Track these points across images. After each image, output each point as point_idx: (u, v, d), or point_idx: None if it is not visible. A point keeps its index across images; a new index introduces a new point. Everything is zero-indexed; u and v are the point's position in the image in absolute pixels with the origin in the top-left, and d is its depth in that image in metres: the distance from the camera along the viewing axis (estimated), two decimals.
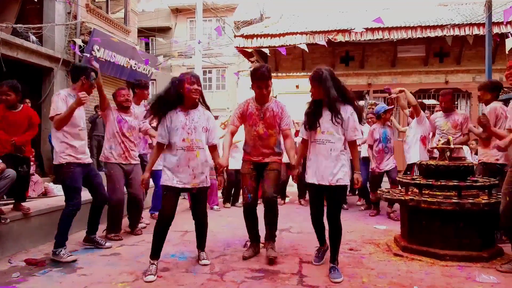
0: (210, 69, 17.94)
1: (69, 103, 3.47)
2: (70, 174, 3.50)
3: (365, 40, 10.12)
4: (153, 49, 17.57)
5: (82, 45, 7.99)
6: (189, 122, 3.18)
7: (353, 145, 3.12)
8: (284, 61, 11.70)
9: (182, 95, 3.17)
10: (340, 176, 3.01)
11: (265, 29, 11.11)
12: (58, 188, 5.56)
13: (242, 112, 3.55)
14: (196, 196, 3.33)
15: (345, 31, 9.94)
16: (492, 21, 7.92)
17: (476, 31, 9.64)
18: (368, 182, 5.87)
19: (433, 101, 10.43)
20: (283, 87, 11.23)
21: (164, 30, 18.03)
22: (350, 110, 3.01)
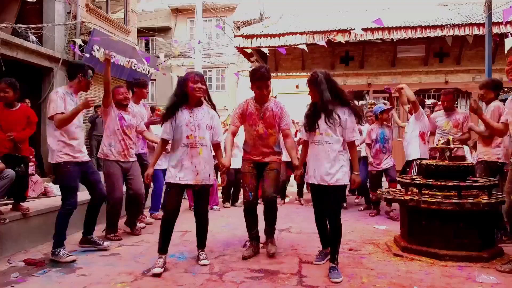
0: (210, 69, 17.93)
1: (67, 101, 3.45)
2: (67, 173, 3.47)
3: (365, 40, 10.10)
4: (153, 49, 17.57)
5: (82, 45, 8.00)
6: (193, 119, 3.24)
7: (351, 146, 3.14)
8: (284, 61, 11.69)
9: (186, 94, 3.24)
10: (339, 176, 3.03)
11: (265, 29, 11.10)
12: (58, 188, 5.53)
13: (242, 112, 3.60)
14: (199, 193, 3.37)
15: (345, 31, 9.91)
16: (492, 21, 7.90)
17: (476, 31, 9.61)
18: (368, 181, 5.88)
19: (433, 101, 10.41)
20: (283, 87, 11.24)
21: (164, 30, 17.99)
22: (348, 112, 3.04)
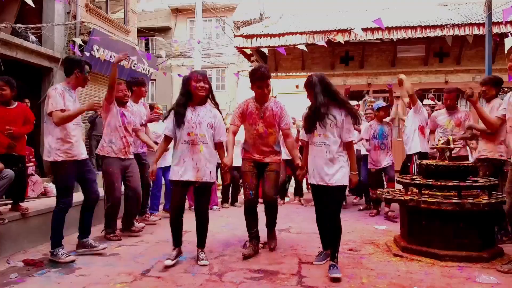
0: (210, 69, 17.92)
1: (66, 98, 3.43)
2: (64, 172, 3.44)
3: (364, 40, 10.10)
4: (153, 49, 17.56)
5: (82, 44, 7.99)
6: (195, 117, 3.30)
7: (348, 147, 3.16)
8: (284, 61, 11.69)
9: (190, 92, 3.30)
10: (338, 177, 3.05)
11: (265, 29, 11.10)
12: None
13: (242, 112, 3.64)
14: (199, 191, 3.38)
15: (345, 31, 9.91)
16: (492, 21, 7.89)
17: (476, 31, 9.62)
18: (368, 180, 5.87)
19: (432, 102, 10.40)
20: (283, 87, 11.24)
21: (164, 30, 17.98)
22: (344, 113, 3.07)
